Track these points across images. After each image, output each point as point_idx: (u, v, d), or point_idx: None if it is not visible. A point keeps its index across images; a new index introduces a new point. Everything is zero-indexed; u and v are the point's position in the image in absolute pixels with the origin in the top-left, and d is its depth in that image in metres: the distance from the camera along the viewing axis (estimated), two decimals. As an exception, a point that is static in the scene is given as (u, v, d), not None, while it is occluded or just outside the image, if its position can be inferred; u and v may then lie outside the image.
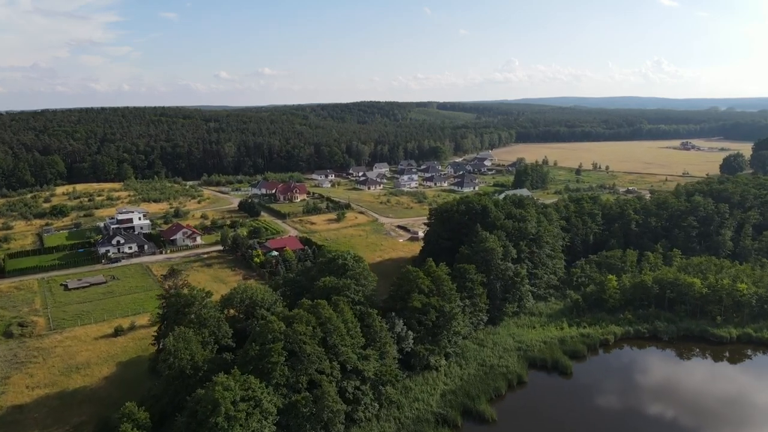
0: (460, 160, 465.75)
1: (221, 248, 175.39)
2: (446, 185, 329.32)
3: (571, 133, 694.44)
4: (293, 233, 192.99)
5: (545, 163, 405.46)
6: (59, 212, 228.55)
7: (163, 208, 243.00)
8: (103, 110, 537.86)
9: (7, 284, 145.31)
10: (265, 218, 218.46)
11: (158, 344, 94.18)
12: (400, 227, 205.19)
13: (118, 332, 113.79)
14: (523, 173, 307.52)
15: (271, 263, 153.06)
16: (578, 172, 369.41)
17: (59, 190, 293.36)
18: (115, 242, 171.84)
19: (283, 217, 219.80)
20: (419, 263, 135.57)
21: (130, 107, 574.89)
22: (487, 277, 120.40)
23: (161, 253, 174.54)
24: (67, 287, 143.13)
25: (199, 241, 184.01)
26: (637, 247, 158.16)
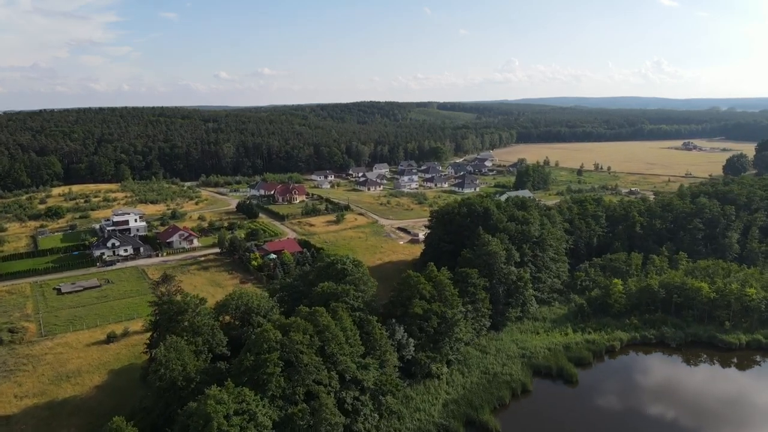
0: (460, 160, 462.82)
1: (218, 251, 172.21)
2: (447, 186, 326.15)
3: (572, 133, 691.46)
4: (292, 235, 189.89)
5: (546, 163, 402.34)
6: (54, 214, 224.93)
7: (160, 209, 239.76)
8: (101, 110, 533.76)
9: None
10: (263, 220, 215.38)
11: (150, 353, 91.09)
12: (400, 229, 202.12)
13: (110, 338, 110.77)
14: (524, 174, 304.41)
15: (269, 266, 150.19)
16: (580, 172, 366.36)
17: (55, 191, 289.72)
18: (110, 245, 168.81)
19: (281, 218, 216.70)
20: (420, 266, 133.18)
21: (128, 107, 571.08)
22: (489, 281, 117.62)
23: (157, 255, 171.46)
24: (60, 291, 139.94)
25: (196, 243, 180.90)
26: (641, 249, 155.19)
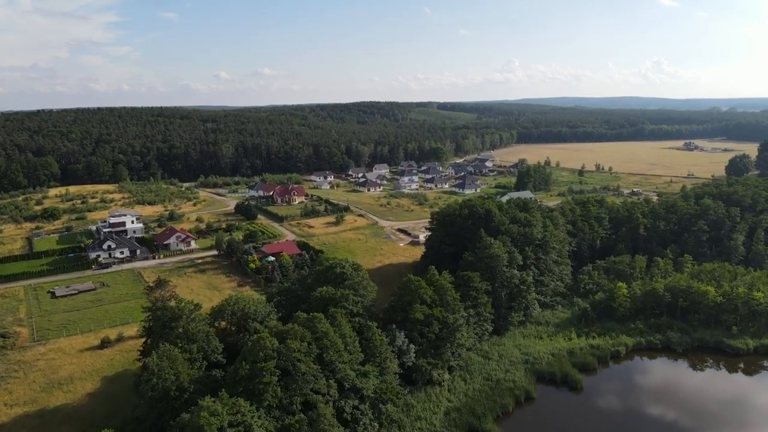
0: (461, 161, 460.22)
1: (216, 253, 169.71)
2: (447, 187, 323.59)
3: (572, 133, 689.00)
4: (291, 237, 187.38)
5: (547, 164, 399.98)
6: (51, 215, 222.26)
7: (157, 210, 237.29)
8: (99, 110, 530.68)
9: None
10: (261, 221, 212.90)
11: (143, 360, 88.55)
12: (400, 231, 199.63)
13: (104, 344, 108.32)
14: (525, 174, 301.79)
15: (267, 269, 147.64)
16: (581, 173, 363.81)
17: (52, 192, 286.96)
18: (106, 247, 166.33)
19: (280, 220, 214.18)
20: (420, 269, 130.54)
21: (126, 107, 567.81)
22: (491, 284, 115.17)
23: (154, 258, 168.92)
24: (54, 294, 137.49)
25: (193, 245, 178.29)
26: (645, 252, 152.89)
